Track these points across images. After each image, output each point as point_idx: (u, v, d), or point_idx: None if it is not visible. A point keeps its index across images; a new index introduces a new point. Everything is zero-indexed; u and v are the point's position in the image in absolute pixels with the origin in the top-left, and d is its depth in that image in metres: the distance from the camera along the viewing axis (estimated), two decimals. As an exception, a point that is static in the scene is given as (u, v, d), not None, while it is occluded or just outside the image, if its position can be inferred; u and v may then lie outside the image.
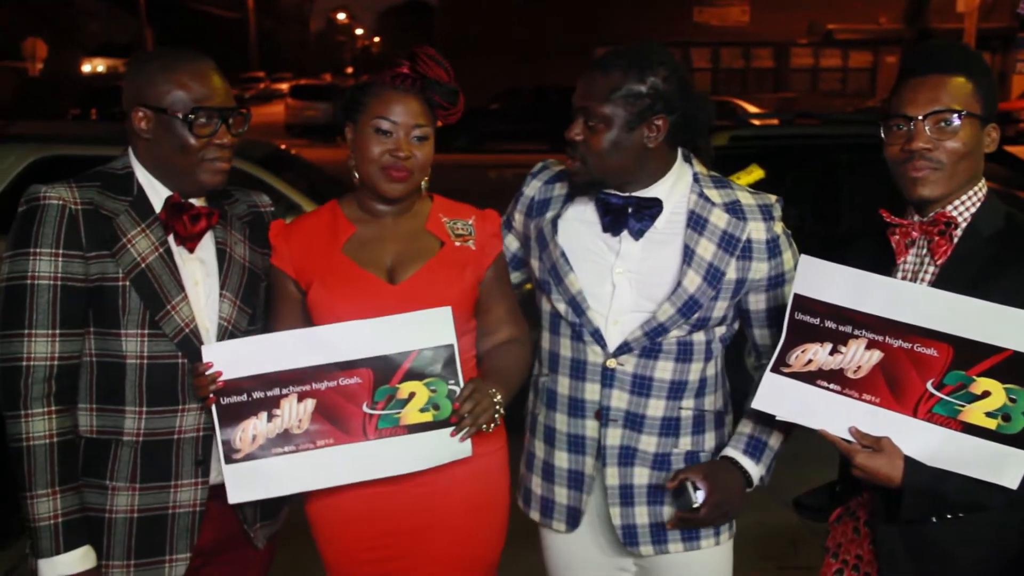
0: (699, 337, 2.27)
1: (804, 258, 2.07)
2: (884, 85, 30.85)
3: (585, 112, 2.20)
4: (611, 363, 2.26)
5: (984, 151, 2.04)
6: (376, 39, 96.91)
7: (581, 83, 2.22)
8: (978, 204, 2.04)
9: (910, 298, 1.94)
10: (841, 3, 30.72)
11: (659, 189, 2.26)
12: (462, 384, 2.15)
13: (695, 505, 2.16)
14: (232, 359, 2.12)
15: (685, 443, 2.30)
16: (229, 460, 2.13)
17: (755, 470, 2.24)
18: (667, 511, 2.28)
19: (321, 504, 2.27)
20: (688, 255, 2.22)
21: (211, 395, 2.10)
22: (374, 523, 2.26)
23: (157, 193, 2.16)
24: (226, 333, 2.19)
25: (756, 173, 6.16)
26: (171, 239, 2.16)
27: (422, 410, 2.14)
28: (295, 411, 2.14)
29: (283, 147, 7.64)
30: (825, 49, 31.91)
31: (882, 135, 2.07)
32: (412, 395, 2.14)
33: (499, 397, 2.19)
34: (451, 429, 2.14)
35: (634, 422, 2.27)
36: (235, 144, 2.20)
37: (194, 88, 2.11)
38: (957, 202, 2.03)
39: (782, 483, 2.32)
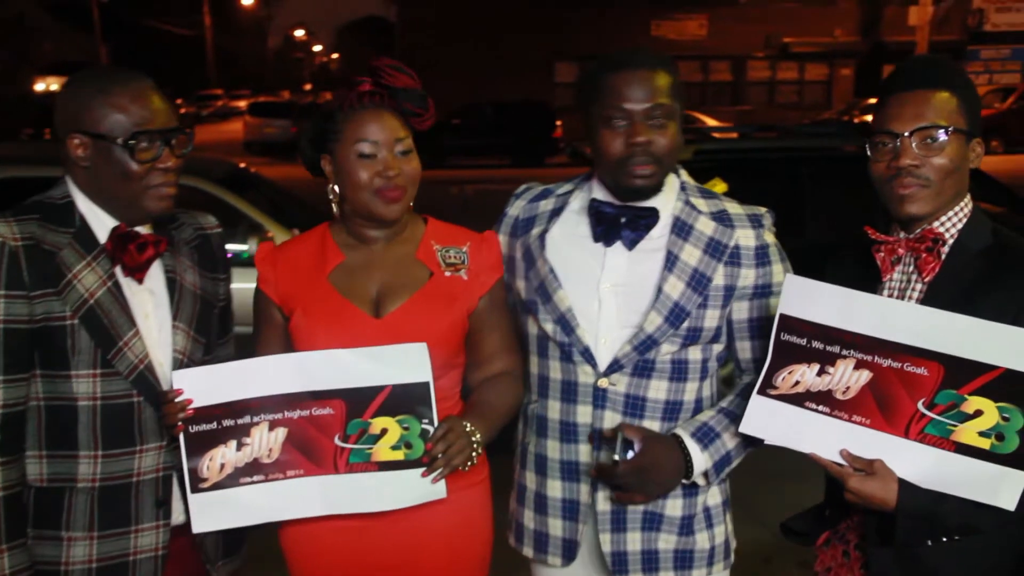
0: (694, 355, 2.21)
1: (789, 277, 2.02)
2: (839, 97, 31.25)
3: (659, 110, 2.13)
4: (603, 383, 2.18)
5: (969, 166, 2.01)
6: (335, 56, 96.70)
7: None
8: (964, 220, 2.01)
9: (899, 316, 1.89)
10: (797, 17, 31.08)
11: (657, 199, 2.22)
12: (436, 423, 2.07)
13: (615, 458, 2.07)
14: (203, 386, 2.05)
15: None
16: (195, 489, 2.06)
17: (699, 457, 2.15)
18: (662, 538, 2.21)
19: (297, 536, 2.19)
20: (671, 261, 2.17)
21: (179, 423, 2.02)
22: (351, 557, 2.18)
23: (101, 222, 2.05)
24: (181, 366, 2.10)
25: (719, 187, 6.20)
26: (118, 271, 2.05)
27: (394, 448, 2.07)
28: (266, 440, 2.07)
29: (243, 165, 7.54)
30: (782, 62, 32.21)
31: (867, 152, 2.04)
32: (384, 431, 2.07)
33: (478, 436, 2.12)
34: (423, 469, 2.07)
35: (627, 445, 2.15)
36: (180, 167, 2.09)
37: (133, 111, 2.00)
38: (944, 218, 2.00)
39: (756, 499, 2.28)
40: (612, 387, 2.18)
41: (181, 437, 2.05)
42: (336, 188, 2.20)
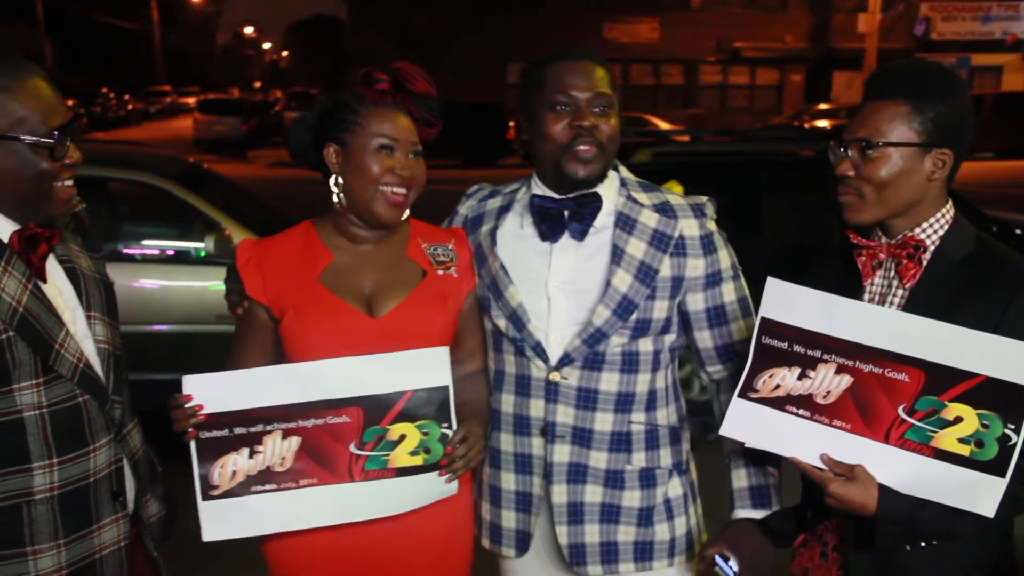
0: (645, 347, 2.21)
1: (771, 281, 2.01)
2: (789, 102, 31.63)
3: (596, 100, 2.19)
4: (554, 376, 2.19)
5: (931, 176, 1.97)
6: (284, 53, 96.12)
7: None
8: (946, 227, 2.00)
9: (881, 322, 1.89)
10: (748, 22, 31.44)
11: (600, 187, 2.23)
12: (455, 427, 2.06)
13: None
14: (214, 392, 2.02)
15: (639, 459, 2.23)
16: (205, 496, 2.03)
17: (771, 513, 2.21)
18: (621, 530, 2.22)
19: (281, 536, 2.14)
20: (617, 255, 2.18)
21: (191, 429, 1.99)
22: (338, 556, 2.14)
23: (0, 226, 1.91)
24: (108, 355, 2.02)
25: (675, 188, 6.22)
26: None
27: (412, 453, 2.04)
28: (279, 448, 2.03)
29: (196, 162, 7.45)
30: (733, 67, 32.57)
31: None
32: (403, 437, 2.04)
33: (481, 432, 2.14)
34: (438, 471, 2.06)
35: (582, 438, 2.20)
36: (80, 160, 1.96)
37: (35, 106, 1.85)
38: (925, 224, 2.00)
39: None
40: (564, 380, 2.19)
41: (192, 444, 2.02)
42: (340, 180, 2.16)
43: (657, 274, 2.18)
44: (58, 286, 1.99)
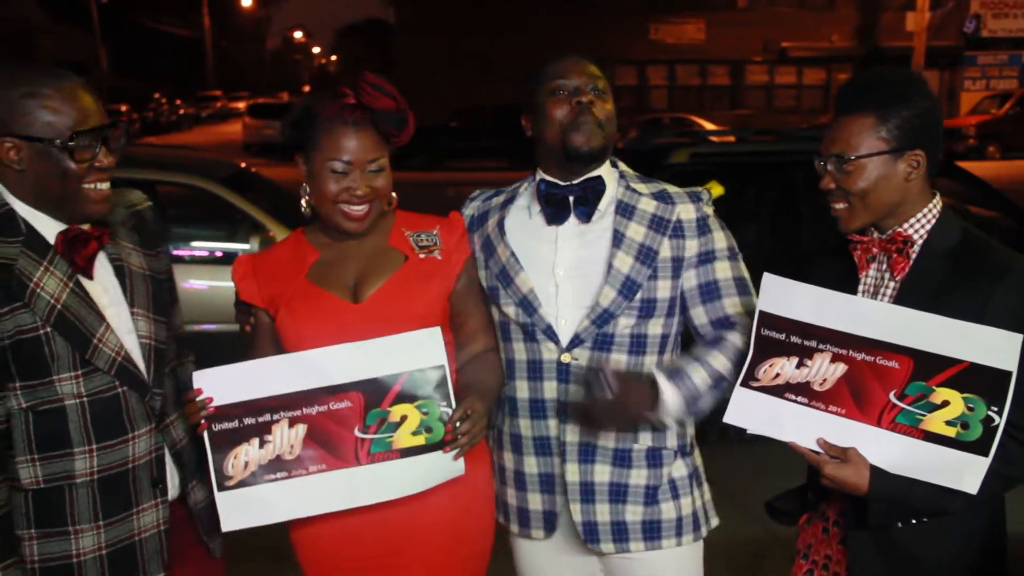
0: (653, 330, 2.31)
1: (767, 276, 2.13)
2: (837, 102, 31.23)
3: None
4: (565, 358, 2.30)
5: (908, 178, 2.08)
6: (333, 57, 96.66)
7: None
8: (933, 221, 2.11)
9: (871, 314, 2.01)
10: (794, 21, 31.15)
11: (601, 169, 2.36)
12: (454, 405, 2.13)
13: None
14: (222, 385, 2.11)
15: (645, 439, 2.33)
16: (221, 487, 2.12)
17: (669, 392, 2.20)
18: (629, 509, 2.32)
19: (301, 522, 2.25)
20: (618, 238, 2.30)
21: (202, 421, 2.10)
22: (354, 541, 2.25)
23: (44, 225, 2.03)
24: (151, 350, 2.14)
25: (716, 189, 6.24)
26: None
27: (414, 433, 2.12)
28: (286, 437, 2.12)
29: (244, 166, 7.61)
30: (780, 67, 32.28)
31: None
32: (404, 418, 2.12)
33: (485, 412, 2.20)
34: (442, 449, 2.13)
35: None
36: (114, 164, 2.07)
37: (67, 112, 1.97)
38: (912, 220, 2.11)
39: (747, 495, 2.36)
40: (575, 361, 2.29)
41: (205, 435, 2.11)
42: (307, 188, 2.28)
43: (657, 255, 2.29)
44: (104, 283, 2.10)
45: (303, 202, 2.30)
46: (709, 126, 22.37)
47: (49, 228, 2.03)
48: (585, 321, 2.28)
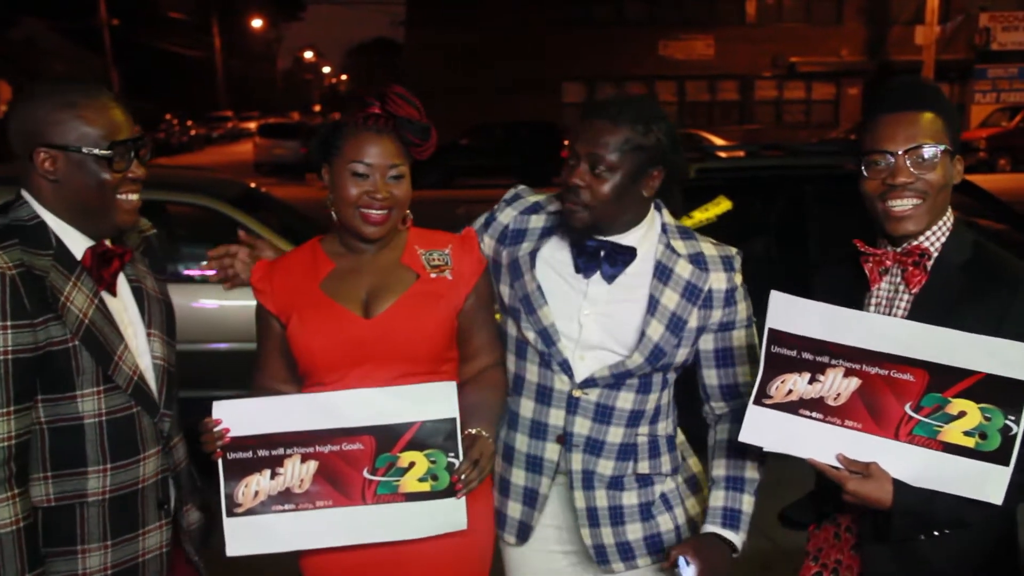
0: (657, 375, 2.36)
1: (775, 294, 2.09)
2: (847, 116, 31.27)
3: (592, 159, 2.21)
4: (577, 393, 2.33)
5: (952, 182, 2.10)
6: (343, 77, 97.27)
7: (587, 130, 2.23)
8: (947, 234, 2.10)
9: (883, 330, 1.98)
10: (803, 36, 31.17)
11: (633, 236, 2.32)
12: (462, 457, 2.17)
13: None
14: (240, 417, 2.16)
15: (643, 467, 2.38)
16: (230, 513, 2.16)
17: (736, 538, 2.30)
18: (629, 529, 2.37)
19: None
20: (653, 305, 2.29)
21: (218, 450, 2.13)
22: (353, 551, 2.25)
23: (73, 240, 2.05)
24: (163, 372, 2.17)
25: (724, 204, 6.21)
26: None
27: (420, 480, 2.17)
28: (297, 471, 2.17)
29: (254, 186, 7.64)
30: (789, 82, 32.29)
31: (862, 171, 2.12)
32: (412, 464, 2.17)
33: (491, 441, 2.24)
34: (447, 500, 2.17)
35: (593, 447, 2.35)
36: (145, 176, 2.12)
37: (102, 122, 2.02)
38: (928, 233, 2.09)
39: (756, 509, 2.35)
40: (585, 396, 2.33)
41: (219, 463, 2.16)
42: (332, 197, 2.30)
43: (686, 325, 2.31)
44: (124, 302, 2.13)
45: (332, 212, 2.31)
46: (719, 141, 22.36)
47: (77, 243, 2.06)
48: (606, 371, 2.31)
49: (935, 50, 23.60)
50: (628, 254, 2.30)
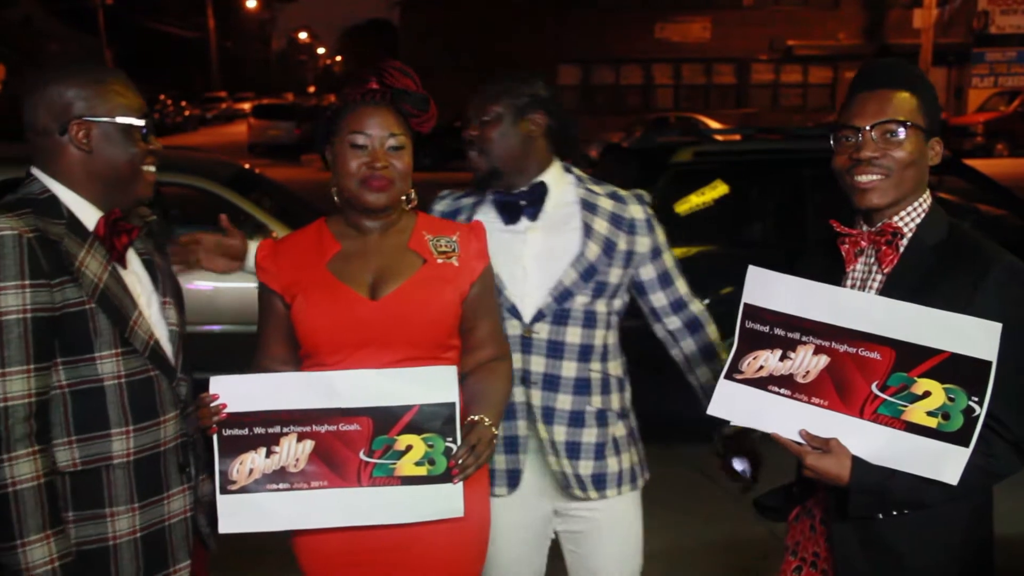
0: (600, 308, 2.60)
1: (752, 268, 2.13)
2: (843, 100, 31.19)
3: (478, 113, 2.61)
4: (527, 333, 2.55)
5: (928, 164, 2.13)
6: (338, 58, 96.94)
7: (474, 98, 2.64)
8: (923, 215, 2.12)
9: (853, 305, 2.01)
10: (800, 20, 31.12)
11: (543, 180, 2.61)
12: (459, 442, 2.17)
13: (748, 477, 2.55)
14: (237, 392, 2.16)
15: (596, 402, 2.61)
16: (224, 491, 2.16)
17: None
18: (581, 464, 2.59)
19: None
20: (588, 231, 2.59)
21: (213, 425, 2.14)
22: (351, 538, 2.24)
23: (85, 212, 2.09)
24: (178, 338, 2.21)
25: (720, 188, 6.22)
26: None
27: (417, 464, 2.16)
28: (293, 450, 2.16)
29: (247, 167, 7.61)
30: (785, 65, 32.25)
31: (832, 146, 2.16)
32: (409, 448, 2.16)
33: (493, 429, 2.24)
34: (443, 486, 2.16)
35: (550, 383, 2.56)
36: (160, 151, 2.23)
37: (130, 97, 2.13)
38: (903, 212, 2.12)
39: (749, 497, 2.35)
40: (536, 335, 2.57)
41: (215, 439, 2.15)
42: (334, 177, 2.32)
43: (616, 247, 2.60)
44: (136, 273, 2.19)
45: (333, 192, 2.33)
46: (715, 125, 22.34)
47: (89, 215, 2.10)
48: (548, 298, 2.55)
49: (933, 33, 23.53)
50: (540, 189, 2.59)
